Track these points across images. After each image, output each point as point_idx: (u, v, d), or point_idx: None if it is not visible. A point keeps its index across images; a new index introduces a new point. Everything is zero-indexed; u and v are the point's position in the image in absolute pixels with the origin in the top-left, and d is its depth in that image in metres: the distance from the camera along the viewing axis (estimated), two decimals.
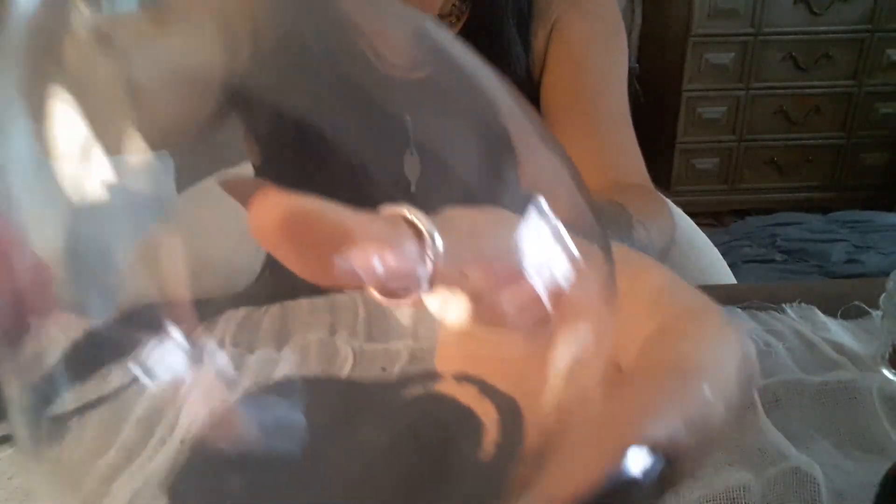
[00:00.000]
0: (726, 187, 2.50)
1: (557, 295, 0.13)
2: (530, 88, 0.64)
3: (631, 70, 2.35)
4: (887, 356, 0.41)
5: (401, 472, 0.12)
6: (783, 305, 0.51)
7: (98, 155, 0.14)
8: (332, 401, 0.14)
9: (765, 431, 0.36)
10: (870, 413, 0.38)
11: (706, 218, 2.44)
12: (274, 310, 0.53)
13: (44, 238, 0.14)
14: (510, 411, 0.12)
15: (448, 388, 0.13)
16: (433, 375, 0.14)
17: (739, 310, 0.51)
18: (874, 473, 0.30)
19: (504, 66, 0.62)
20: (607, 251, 0.14)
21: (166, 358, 0.13)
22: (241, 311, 0.53)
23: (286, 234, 0.13)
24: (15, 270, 0.13)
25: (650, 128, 2.50)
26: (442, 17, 0.62)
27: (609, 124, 0.63)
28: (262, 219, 0.13)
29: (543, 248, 0.13)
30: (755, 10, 2.26)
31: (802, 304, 0.51)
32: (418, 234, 0.13)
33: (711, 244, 0.77)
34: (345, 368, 0.46)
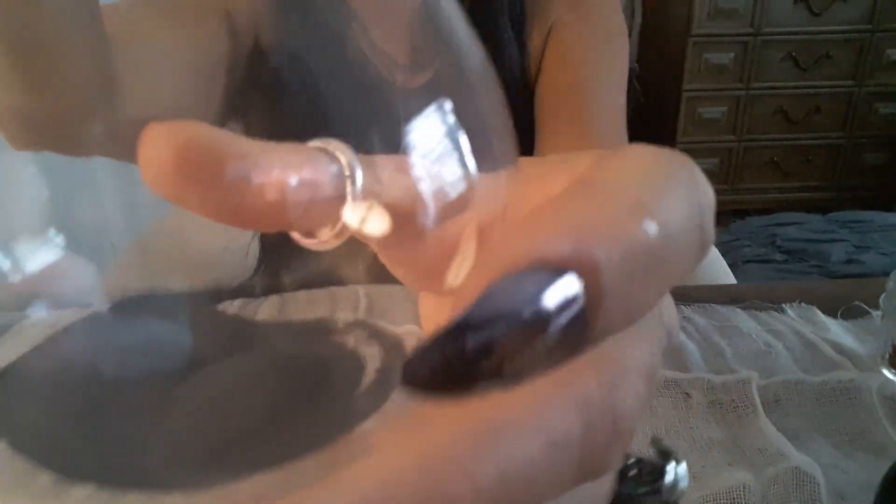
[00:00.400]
0: (726, 187, 2.49)
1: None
2: (525, 90, 0.64)
3: (631, 70, 2.35)
4: (887, 356, 0.42)
5: (271, 401, 0.12)
6: (783, 305, 0.51)
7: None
8: (215, 329, 0.14)
9: (765, 431, 0.36)
10: (870, 413, 0.38)
11: None
12: (272, 299, 0.53)
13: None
14: (394, 350, 0.12)
15: (336, 331, 0.13)
16: (323, 321, 0.13)
17: (739, 310, 0.51)
18: (874, 473, 0.30)
19: (498, 67, 0.62)
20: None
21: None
22: (238, 301, 0.53)
23: (183, 172, 0.11)
24: None
25: (650, 128, 2.50)
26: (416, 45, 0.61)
27: (600, 133, 0.61)
28: (152, 160, 0.11)
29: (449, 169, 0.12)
30: (755, 10, 2.26)
31: (802, 304, 0.51)
32: (337, 165, 0.12)
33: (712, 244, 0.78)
34: None
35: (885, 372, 0.41)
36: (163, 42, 0.44)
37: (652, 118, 2.50)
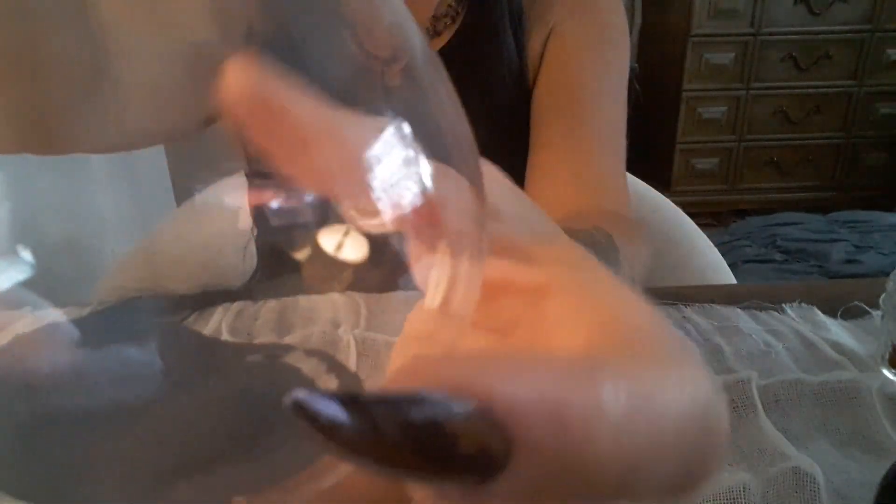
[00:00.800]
0: (726, 187, 2.50)
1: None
2: (522, 93, 0.63)
3: (631, 70, 2.34)
4: (887, 356, 0.42)
5: (225, 426, 0.11)
6: (783, 305, 0.51)
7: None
8: (177, 348, 0.14)
9: (765, 431, 0.36)
10: (870, 413, 0.38)
11: (706, 218, 2.44)
12: (271, 304, 0.53)
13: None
14: (350, 385, 0.12)
15: (297, 359, 0.13)
16: (286, 347, 0.13)
17: (739, 310, 0.51)
18: (874, 473, 0.30)
19: (497, 70, 0.61)
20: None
21: None
22: (238, 304, 0.52)
23: (253, 115, 0.11)
24: None
25: (650, 128, 2.50)
26: (437, 17, 0.61)
27: (595, 141, 0.60)
28: (230, 91, 0.11)
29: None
30: (755, 10, 2.26)
31: (802, 304, 0.51)
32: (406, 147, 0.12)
33: (711, 244, 0.77)
34: (349, 358, 0.46)
35: (885, 372, 0.41)
36: (151, 34, 0.43)
37: (652, 118, 2.50)
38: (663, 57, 2.46)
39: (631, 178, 0.87)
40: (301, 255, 0.12)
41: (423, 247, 0.13)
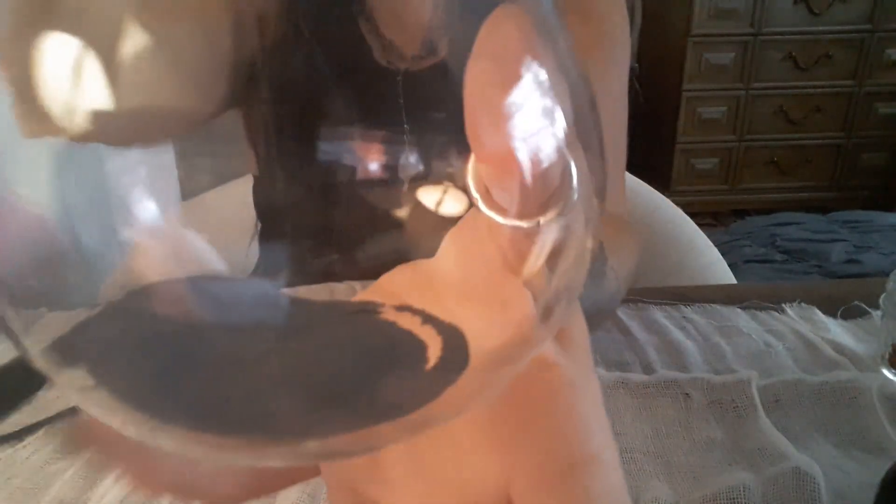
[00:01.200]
0: (726, 187, 2.49)
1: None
2: None
3: (631, 70, 2.34)
4: (887, 356, 0.41)
5: (342, 374, 0.12)
6: (783, 305, 0.51)
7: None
8: (284, 307, 0.14)
9: (765, 431, 0.36)
10: (870, 413, 0.38)
11: (706, 218, 2.44)
12: None
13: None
14: (454, 336, 0.12)
15: (390, 314, 0.13)
16: (377, 304, 0.13)
17: (739, 310, 0.51)
18: (874, 473, 0.30)
19: None
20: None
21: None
22: None
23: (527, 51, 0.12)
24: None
25: (650, 128, 2.50)
26: (431, 28, 0.61)
27: None
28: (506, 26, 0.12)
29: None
30: (755, 10, 2.26)
31: (802, 304, 0.51)
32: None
33: (711, 244, 0.77)
34: None
35: (885, 372, 0.41)
36: (165, 34, 0.44)
37: (652, 118, 2.50)
38: (663, 57, 2.46)
39: (631, 178, 0.87)
40: (402, 212, 0.12)
41: (535, 204, 0.13)
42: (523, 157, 0.12)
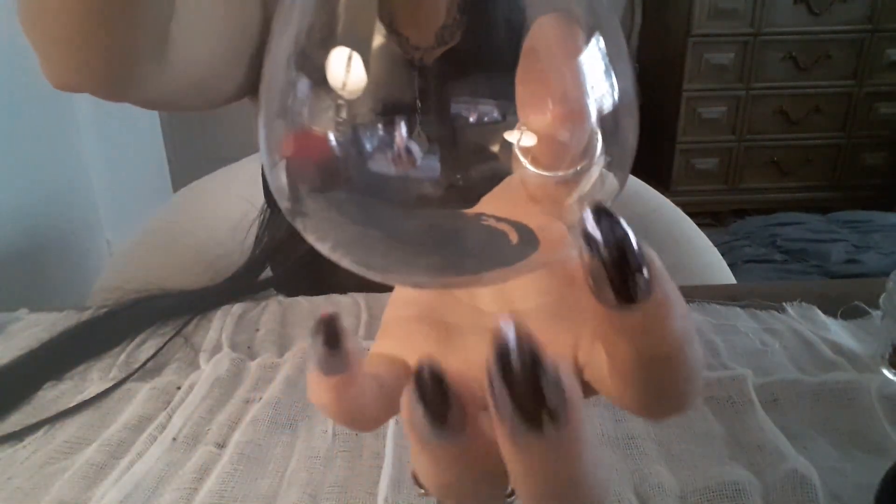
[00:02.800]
0: (726, 187, 2.49)
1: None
2: None
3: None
4: (887, 356, 0.41)
5: (457, 246, 0.18)
6: (784, 304, 0.51)
7: None
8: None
9: (764, 429, 0.36)
10: (869, 414, 0.38)
11: (706, 218, 2.44)
12: (272, 308, 0.53)
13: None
14: (527, 231, 0.18)
15: (491, 222, 0.18)
16: (482, 214, 0.18)
17: (739, 309, 0.51)
18: (872, 474, 0.30)
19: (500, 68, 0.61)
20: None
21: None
22: (237, 309, 0.53)
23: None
24: None
25: (650, 128, 2.50)
26: (445, 27, 0.61)
27: None
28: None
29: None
30: (755, 10, 2.26)
31: (803, 304, 0.51)
32: None
33: (711, 244, 0.77)
34: None
35: (885, 372, 0.41)
36: (208, 10, 0.45)
37: (652, 118, 2.50)
38: (663, 57, 2.46)
39: (631, 178, 0.87)
40: (494, 147, 0.17)
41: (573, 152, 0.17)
42: (589, 106, 0.16)
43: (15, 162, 1.12)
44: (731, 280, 0.73)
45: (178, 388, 0.43)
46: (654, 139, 2.52)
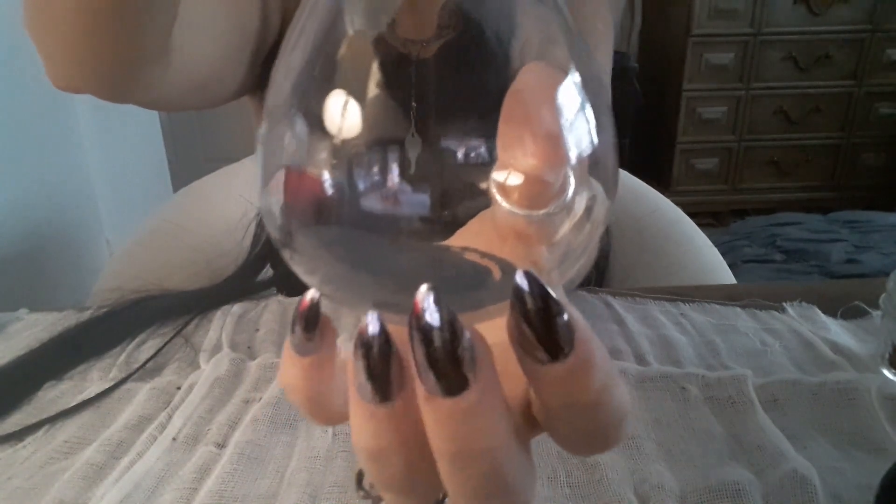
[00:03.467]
0: (726, 187, 2.49)
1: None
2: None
3: (631, 70, 2.36)
4: (887, 356, 0.41)
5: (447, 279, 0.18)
6: (784, 304, 0.51)
7: None
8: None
9: (764, 429, 0.36)
10: (868, 414, 0.38)
11: (706, 218, 2.44)
12: (272, 308, 0.53)
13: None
14: (507, 265, 0.18)
15: (474, 257, 0.18)
16: (466, 248, 0.18)
17: (739, 309, 0.51)
18: (872, 474, 0.30)
19: (493, 66, 0.61)
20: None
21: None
22: (237, 309, 0.53)
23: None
24: None
25: (650, 128, 2.50)
26: (441, 27, 0.61)
27: None
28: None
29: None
30: (755, 10, 2.26)
31: (803, 304, 0.51)
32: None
33: (711, 244, 0.77)
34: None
35: (885, 372, 0.41)
36: (208, 11, 0.45)
37: (652, 118, 2.50)
38: (663, 57, 2.46)
39: (631, 178, 0.87)
40: (484, 184, 0.17)
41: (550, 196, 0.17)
42: (568, 149, 0.17)
43: (15, 162, 1.12)
44: (731, 280, 0.73)
45: (178, 388, 0.43)
46: (654, 139, 2.52)
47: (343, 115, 0.16)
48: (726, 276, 0.73)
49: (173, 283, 0.55)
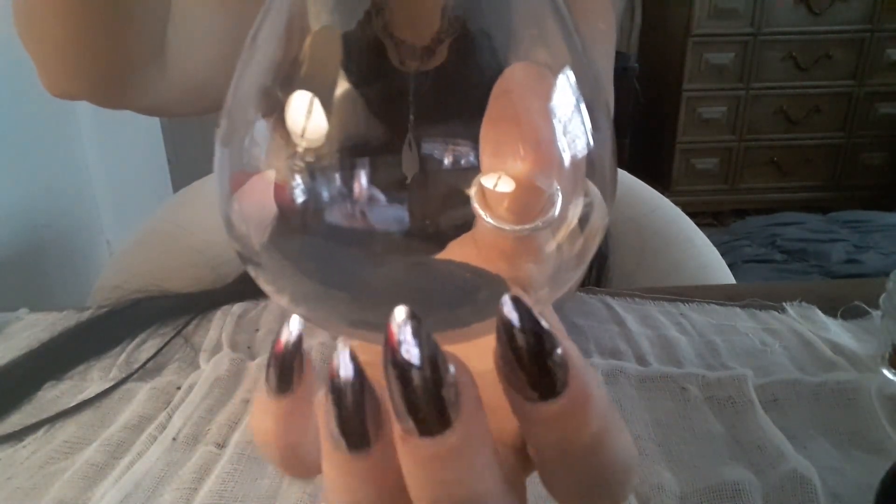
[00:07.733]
0: (726, 187, 2.50)
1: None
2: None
3: (631, 70, 2.36)
4: (887, 356, 0.41)
5: (428, 294, 0.17)
6: (783, 304, 0.51)
7: None
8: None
9: (764, 429, 0.36)
10: (868, 414, 0.38)
11: (706, 218, 2.44)
12: (272, 308, 0.53)
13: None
14: (495, 279, 0.16)
15: (465, 270, 0.17)
16: (452, 262, 0.17)
17: (739, 309, 0.51)
18: (872, 474, 0.30)
19: (492, 74, 0.60)
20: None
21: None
22: (237, 309, 0.53)
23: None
24: None
25: (650, 128, 2.50)
26: (440, 31, 0.61)
27: None
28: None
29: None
30: (755, 10, 2.26)
31: (803, 304, 0.51)
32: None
33: (710, 244, 0.77)
34: None
35: (885, 372, 0.41)
36: (204, 15, 0.45)
37: (652, 118, 2.50)
38: (663, 57, 2.46)
39: (631, 178, 0.87)
40: (469, 190, 0.16)
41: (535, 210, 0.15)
42: (563, 155, 0.15)
43: (15, 162, 1.12)
44: (731, 280, 0.73)
45: (178, 388, 0.43)
46: (654, 139, 2.52)
47: (307, 116, 0.15)
48: (726, 276, 0.73)
49: (173, 283, 0.55)
